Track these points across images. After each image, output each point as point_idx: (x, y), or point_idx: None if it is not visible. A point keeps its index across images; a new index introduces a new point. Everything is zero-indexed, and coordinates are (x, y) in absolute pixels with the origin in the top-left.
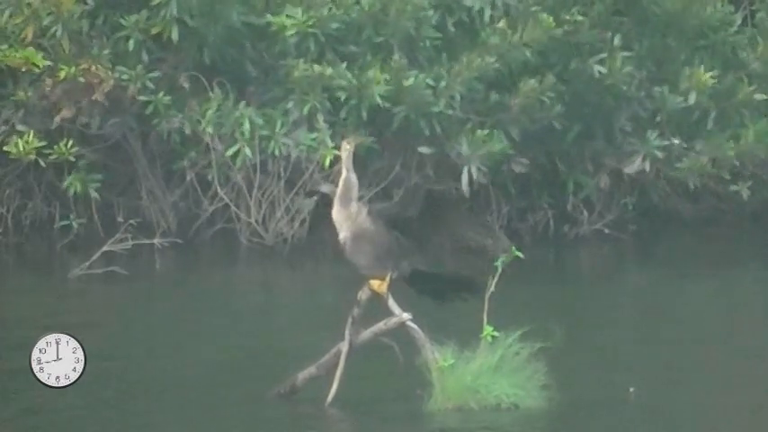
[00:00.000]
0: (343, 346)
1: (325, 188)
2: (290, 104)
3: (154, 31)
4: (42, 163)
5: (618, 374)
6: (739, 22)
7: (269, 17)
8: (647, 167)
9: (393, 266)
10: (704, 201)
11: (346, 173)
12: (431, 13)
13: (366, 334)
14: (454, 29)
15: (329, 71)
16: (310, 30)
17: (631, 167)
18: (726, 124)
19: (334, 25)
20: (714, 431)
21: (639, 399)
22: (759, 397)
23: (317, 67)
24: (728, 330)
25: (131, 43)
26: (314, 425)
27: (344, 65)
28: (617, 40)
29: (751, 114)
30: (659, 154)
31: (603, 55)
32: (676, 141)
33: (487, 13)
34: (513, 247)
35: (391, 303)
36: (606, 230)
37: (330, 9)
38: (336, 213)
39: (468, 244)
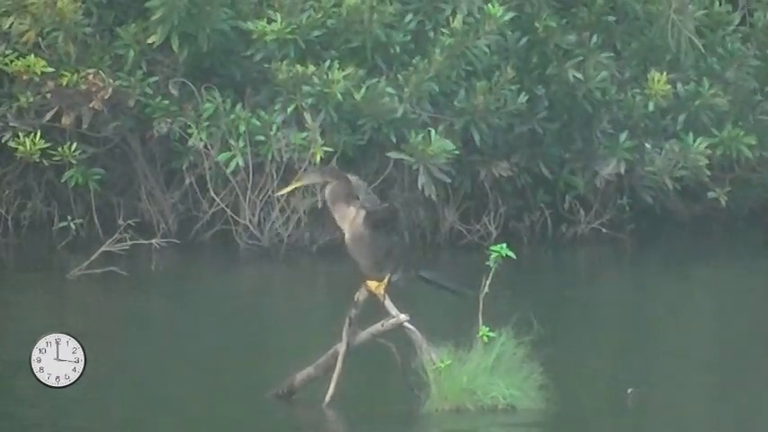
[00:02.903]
0: (341, 347)
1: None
2: (278, 106)
3: (151, 40)
4: (46, 162)
5: (617, 375)
6: (737, 21)
7: (249, 24)
8: (622, 170)
9: (393, 269)
10: (702, 200)
11: (330, 182)
12: (409, 17)
13: (363, 335)
14: (433, 34)
15: (311, 69)
16: (289, 36)
17: (606, 170)
18: (694, 128)
19: (315, 33)
20: None
21: (638, 400)
22: (763, 399)
23: (299, 67)
24: (730, 331)
25: (131, 54)
26: (311, 425)
27: (326, 64)
28: (595, 43)
29: (718, 120)
30: (630, 156)
31: (580, 58)
32: (648, 145)
33: (459, 16)
34: (505, 246)
35: (388, 304)
36: (604, 230)
37: (309, 16)
38: (334, 214)
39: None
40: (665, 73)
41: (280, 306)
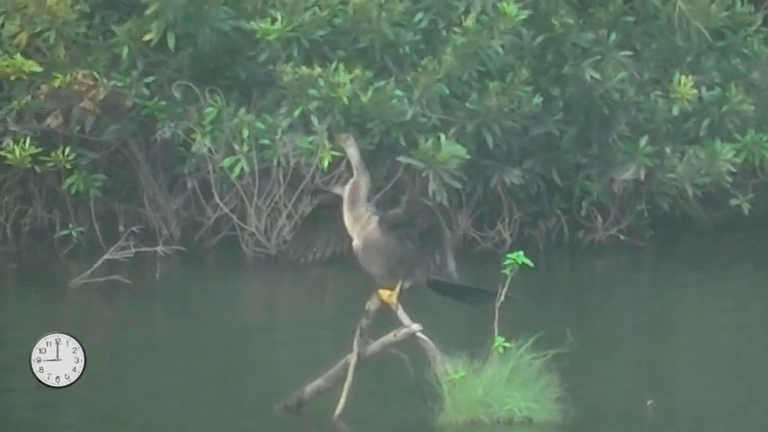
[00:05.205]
0: (352, 358)
1: (337, 190)
2: (284, 109)
3: (147, 37)
4: (38, 169)
5: (636, 387)
6: (759, 22)
7: (251, 23)
8: (642, 176)
9: (405, 276)
10: (724, 206)
11: (356, 175)
12: (420, 16)
13: (375, 345)
14: (446, 33)
15: (317, 71)
16: (292, 35)
17: (625, 175)
18: (718, 133)
19: (320, 32)
20: None
21: (658, 412)
22: None
23: (305, 69)
24: (752, 341)
25: (125, 52)
26: None
27: (333, 65)
28: (614, 41)
29: (742, 124)
30: (650, 162)
31: (598, 57)
32: (668, 150)
33: (473, 15)
34: (522, 254)
35: (401, 314)
36: (622, 237)
37: (313, 14)
38: (346, 219)
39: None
40: (690, 76)
41: (288, 315)
